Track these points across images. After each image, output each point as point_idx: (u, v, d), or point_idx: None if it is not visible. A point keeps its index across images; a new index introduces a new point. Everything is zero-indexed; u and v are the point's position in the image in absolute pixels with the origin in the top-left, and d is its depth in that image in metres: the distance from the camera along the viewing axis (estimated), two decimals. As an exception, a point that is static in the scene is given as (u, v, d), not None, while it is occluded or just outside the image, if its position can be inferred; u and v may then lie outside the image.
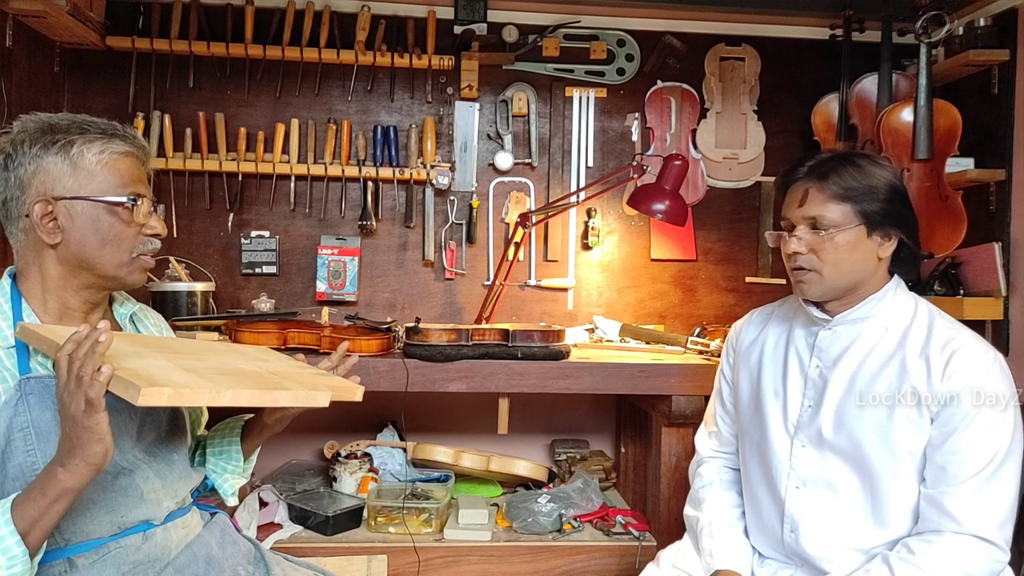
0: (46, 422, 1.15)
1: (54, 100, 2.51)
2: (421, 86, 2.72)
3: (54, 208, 1.18)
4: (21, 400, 1.14)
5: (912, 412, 1.30)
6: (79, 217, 1.19)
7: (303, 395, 1.16)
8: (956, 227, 2.37)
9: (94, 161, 1.20)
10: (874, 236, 1.34)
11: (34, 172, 1.18)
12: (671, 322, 2.82)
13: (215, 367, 1.17)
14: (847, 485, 1.36)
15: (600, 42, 2.77)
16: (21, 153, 1.18)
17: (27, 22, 2.25)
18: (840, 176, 1.34)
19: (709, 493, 1.57)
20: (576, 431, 2.82)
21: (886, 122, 2.44)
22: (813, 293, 1.39)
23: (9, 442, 1.13)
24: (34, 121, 1.21)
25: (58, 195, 1.18)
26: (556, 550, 2.15)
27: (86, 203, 1.19)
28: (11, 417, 1.13)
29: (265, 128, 2.63)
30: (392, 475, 2.47)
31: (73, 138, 1.19)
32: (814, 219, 1.35)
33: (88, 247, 1.21)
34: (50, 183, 1.18)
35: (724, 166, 2.82)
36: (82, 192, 1.19)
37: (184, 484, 1.36)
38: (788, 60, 2.83)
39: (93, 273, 1.23)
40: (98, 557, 1.19)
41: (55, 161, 1.18)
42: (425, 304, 2.76)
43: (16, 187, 1.18)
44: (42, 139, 1.18)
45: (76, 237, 1.20)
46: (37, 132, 1.19)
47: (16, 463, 1.13)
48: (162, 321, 1.50)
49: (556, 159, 2.79)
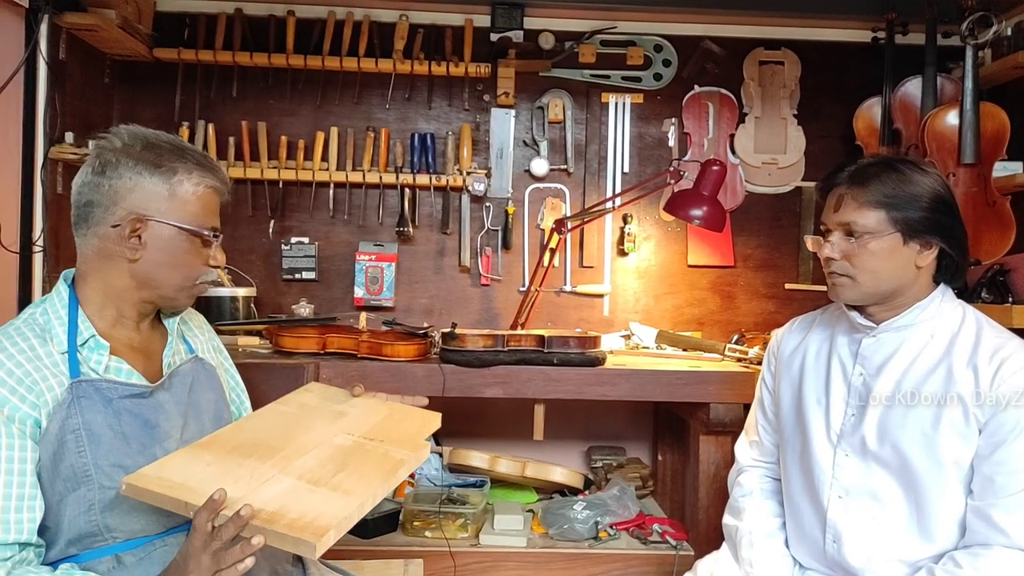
0: (97, 424, 1.18)
1: (104, 111, 2.59)
2: (458, 94, 2.74)
3: (143, 226, 1.22)
4: (73, 403, 1.17)
5: (959, 422, 1.27)
6: (161, 239, 1.23)
7: (413, 457, 1.23)
8: (1004, 233, 2.31)
9: (190, 191, 1.24)
10: (911, 244, 1.31)
11: (132, 188, 1.21)
12: (709, 329, 2.80)
13: (324, 460, 1.20)
14: (891, 495, 1.33)
15: (637, 48, 2.77)
16: (123, 166, 1.21)
17: (80, 35, 2.33)
18: (878, 182, 1.31)
19: (749, 502, 1.55)
20: (612, 438, 2.81)
21: (931, 126, 2.39)
22: (846, 296, 1.37)
23: (62, 443, 1.16)
24: (139, 137, 1.24)
25: (150, 215, 1.22)
26: (592, 558, 2.14)
27: (172, 228, 1.24)
28: (64, 420, 1.16)
29: (306, 136, 2.68)
30: (428, 480, 2.48)
31: (175, 165, 1.23)
32: (848, 225, 1.33)
33: (160, 268, 1.25)
34: (145, 202, 1.21)
35: (763, 171, 2.79)
36: (172, 218, 1.23)
37: None
38: (829, 64, 2.79)
39: (155, 291, 1.27)
40: (144, 554, 1.22)
41: (155, 183, 1.22)
42: (461, 310, 2.78)
43: (109, 196, 1.21)
44: (146, 158, 1.21)
45: (153, 257, 1.24)
46: (142, 150, 1.22)
47: (68, 464, 1.16)
48: (204, 322, 1.53)
49: (592, 165, 2.79)
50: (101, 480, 1.18)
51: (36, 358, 1.17)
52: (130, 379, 1.24)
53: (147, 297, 1.28)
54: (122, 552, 1.21)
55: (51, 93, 2.20)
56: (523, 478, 2.44)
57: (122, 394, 1.22)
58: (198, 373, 1.37)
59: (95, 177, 1.22)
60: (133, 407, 1.22)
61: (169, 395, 1.29)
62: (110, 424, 1.19)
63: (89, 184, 1.22)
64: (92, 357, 1.21)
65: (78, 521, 1.18)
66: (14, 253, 2.09)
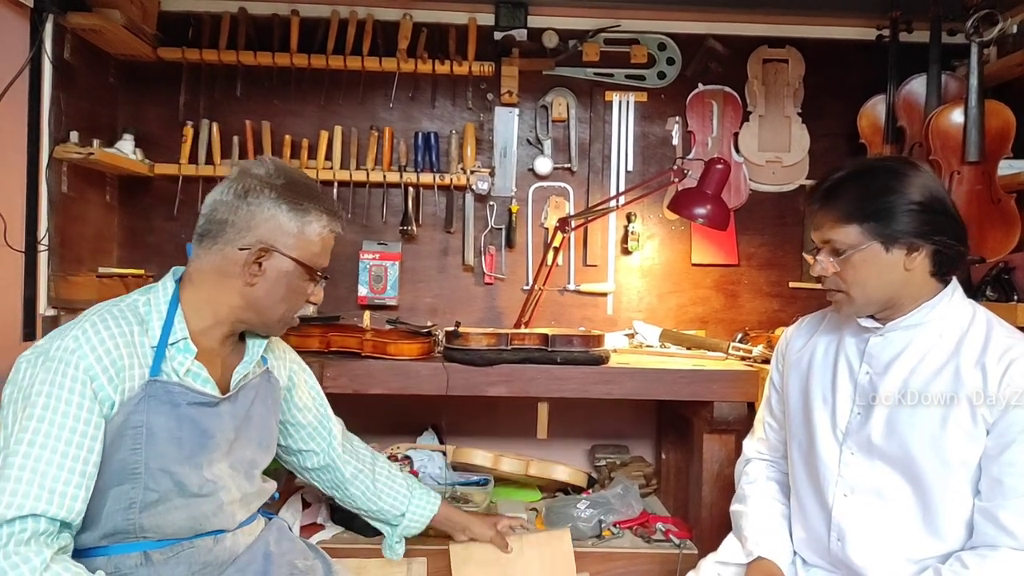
0: (159, 426, 1.22)
1: (109, 111, 2.60)
2: (462, 92, 2.74)
3: (267, 255, 1.28)
4: (144, 400, 1.21)
5: (966, 421, 1.27)
6: (279, 271, 1.30)
7: None
8: (1009, 231, 2.30)
9: (316, 232, 1.31)
10: (894, 251, 1.29)
11: (267, 218, 1.27)
12: (713, 327, 2.79)
13: None
14: (897, 494, 1.33)
15: (641, 46, 2.77)
16: (265, 196, 1.27)
17: (85, 36, 2.33)
18: (848, 196, 1.31)
19: (753, 489, 1.57)
20: (616, 436, 2.81)
21: (935, 124, 2.38)
22: (846, 312, 1.38)
23: (120, 437, 1.20)
24: (283, 172, 1.31)
25: (277, 247, 1.28)
26: (595, 556, 2.14)
27: (292, 263, 1.30)
28: (129, 414, 1.20)
29: (310, 135, 2.68)
30: (432, 478, 2.48)
31: (310, 206, 1.30)
32: (830, 243, 1.33)
33: (270, 298, 1.31)
34: (276, 234, 1.28)
35: (767, 169, 2.78)
36: (295, 254, 1.30)
37: (258, 500, 1.45)
38: (833, 62, 2.78)
39: (257, 317, 1.33)
40: (172, 554, 1.27)
41: (289, 219, 1.28)
42: (465, 308, 2.78)
43: (245, 220, 1.27)
44: (286, 195, 1.28)
45: (267, 286, 1.30)
46: (284, 186, 1.29)
47: (120, 458, 1.20)
48: (289, 350, 1.60)
49: (596, 164, 2.79)
50: (147, 481, 1.21)
51: (131, 344, 1.22)
52: (204, 387, 1.28)
53: (247, 319, 1.33)
54: (151, 550, 1.25)
55: (56, 93, 2.21)
56: (527, 476, 2.44)
57: (190, 400, 1.26)
58: (261, 387, 1.42)
59: (235, 199, 1.27)
60: (196, 414, 1.26)
61: (231, 407, 1.33)
62: (169, 428, 1.23)
63: (227, 204, 1.27)
64: (177, 357, 1.26)
65: (115, 517, 1.21)
66: (19, 252, 2.10)
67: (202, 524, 1.29)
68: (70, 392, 1.14)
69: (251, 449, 1.39)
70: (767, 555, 1.45)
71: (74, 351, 1.16)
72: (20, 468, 1.09)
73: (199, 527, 1.29)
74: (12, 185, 2.11)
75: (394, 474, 1.78)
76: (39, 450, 1.10)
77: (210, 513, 1.29)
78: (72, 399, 1.14)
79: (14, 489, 1.08)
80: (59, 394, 1.14)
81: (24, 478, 1.09)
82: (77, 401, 1.14)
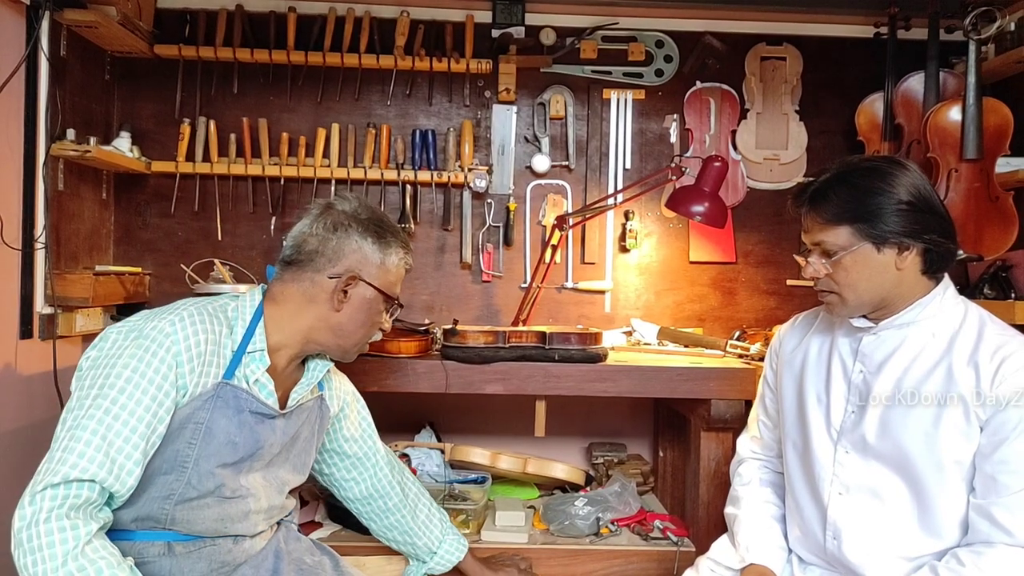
0: (219, 428, 1.27)
1: (105, 108, 2.59)
2: (459, 90, 2.74)
3: (354, 284, 1.37)
4: (212, 399, 1.26)
5: (960, 420, 1.27)
6: (362, 299, 1.39)
7: None
8: (1007, 229, 2.31)
9: (395, 263, 1.42)
10: (885, 251, 1.29)
11: (355, 250, 1.37)
12: (710, 325, 2.79)
13: None
14: (892, 492, 1.33)
15: (638, 43, 2.76)
16: (353, 230, 1.37)
17: (80, 32, 2.32)
18: (836, 199, 1.30)
19: (747, 491, 1.57)
20: (613, 434, 2.81)
21: (933, 121, 2.38)
22: (838, 313, 1.37)
23: (181, 429, 1.24)
24: (366, 208, 1.42)
25: (363, 276, 1.37)
26: (593, 554, 2.14)
27: (374, 291, 1.39)
28: (196, 409, 1.24)
29: (307, 133, 2.68)
30: (430, 476, 2.48)
31: (391, 240, 1.41)
32: (820, 245, 1.33)
33: (352, 323, 1.39)
34: (362, 264, 1.37)
35: (765, 167, 2.78)
36: (377, 283, 1.39)
37: (280, 514, 1.51)
38: (831, 59, 2.78)
39: (335, 340, 1.40)
40: (194, 549, 1.31)
41: (374, 251, 1.38)
42: (463, 306, 2.78)
43: (334, 251, 1.36)
44: (371, 229, 1.38)
45: (351, 312, 1.38)
46: (368, 221, 1.39)
47: (175, 448, 1.24)
48: (345, 380, 1.65)
49: (593, 161, 2.78)
50: (191, 477, 1.26)
51: (216, 343, 1.27)
52: (268, 399, 1.33)
53: (324, 342, 1.40)
54: (175, 541, 1.29)
55: (52, 90, 2.20)
56: (524, 474, 2.44)
57: (253, 408, 1.31)
58: (313, 412, 1.48)
59: (325, 232, 1.37)
60: (255, 423, 1.32)
61: (285, 423, 1.38)
62: (228, 431, 1.28)
63: (318, 236, 1.37)
64: (251, 366, 1.31)
65: (152, 503, 1.24)
66: (16, 250, 2.10)
67: (227, 527, 1.33)
68: (155, 372, 1.18)
69: (286, 469, 1.44)
70: (760, 561, 1.46)
71: (169, 335, 1.21)
72: (92, 432, 1.13)
73: (224, 529, 1.33)
74: (9, 183, 2.10)
75: (432, 512, 1.81)
76: (112, 420, 1.14)
77: (237, 518, 1.34)
78: (155, 379, 1.18)
79: (82, 452, 1.11)
80: (144, 371, 1.18)
81: (94, 443, 1.12)
82: (159, 382, 1.19)
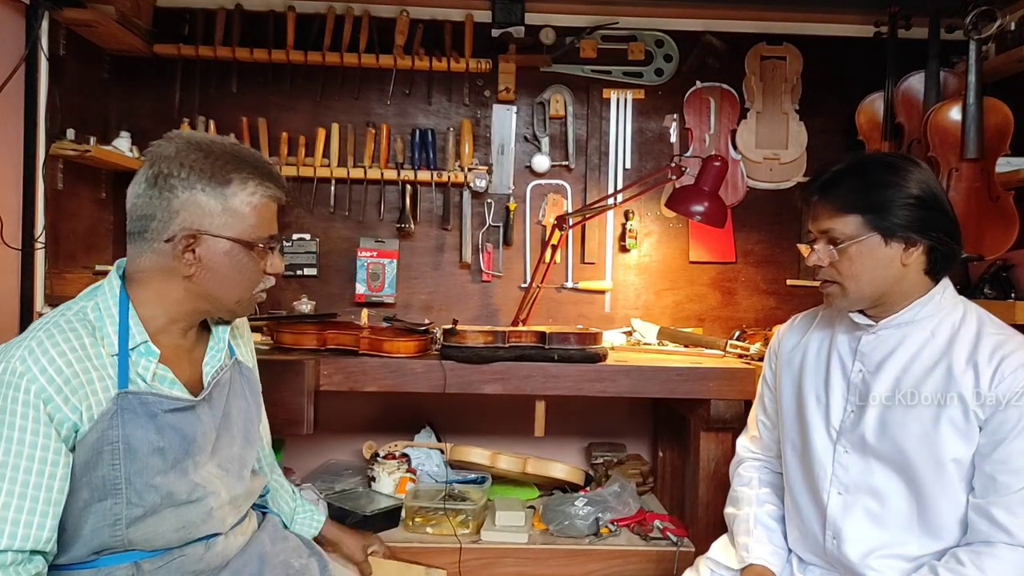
0: (136, 439, 1.15)
1: (103, 106, 2.59)
2: (459, 89, 2.73)
3: (196, 242, 1.17)
4: (116, 414, 1.14)
5: (959, 419, 1.26)
6: (217, 254, 1.19)
7: None
8: (1008, 228, 2.30)
9: (245, 203, 1.19)
10: (893, 244, 1.29)
11: (185, 202, 1.16)
12: (710, 325, 2.79)
13: None
14: (892, 492, 1.33)
15: (638, 43, 2.76)
16: (176, 178, 1.15)
17: (78, 31, 2.32)
18: (849, 188, 1.30)
19: (747, 491, 1.56)
20: (613, 434, 2.81)
21: (933, 121, 2.38)
22: (838, 305, 1.37)
23: (98, 454, 1.13)
24: (193, 145, 1.18)
25: (204, 230, 1.17)
26: (592, 554, 2.14)
27: (227, 242, 1.19)
28: (104, 431, 1.13)
29: (306, 132, 2.67)
30: (429, 476, 2.48)
31: (230, 176, 1.17)
32: (828, 232, 1.33)
33: (217, 283, 1.21)
34: (199, 217, 1.17)
35: (764, 167, 2.78)
36: (226, 232, 1.18)
37: (248, 501, 1.39)
38: (831, 58, 2.77)
39: (213, 305, 1.24)
40: (163, 563, 1.22)
41: (209, 196, 1.16)
42: (462, 306, 2.77)
43: (164, 210, 1.16)
44: (201, 170, 1.16)
45: (209, 272, 1.20)
46: (195, 160, 1.16)
47: (100, 474, 1.14)
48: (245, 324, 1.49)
49: (593, 161, 2.78)
50: (130, 496, 1.16)
51: (86, 358, 1.13)
52: (172, 390, 1.22)
53: (202, 309, 1.25)
54: (141, 560, 1.20)
55: (51, 89, 2.20)
56: (524, 474, 2.44)
57: (166, 408, 1.19)
58: (235, 379, 1.35)
59: (148, 189, 1.16)
60: (176, 421, 1.20)
61: (208, 407, 1.27)
62: (150, 440, 1.17)
63: (143, 196, 1.17)
64: (140, 363, 1.18)
65: (101, 533, 1.16)
66: (16, 249, 2.09)
67: (191, 532, 1.24)
68: (23, 419, 1.07)
69: (236, 445, 1.33)
70: (759, 561, 1.45)
71: (23, 374, 1.07)
72: None
73: (188, 535, 1.24)
74: (8, 182, 2.10)
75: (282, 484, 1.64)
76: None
77: (199, 520, 1.24)
78: (27, 426, 1.07)
79: None
80: (12, 421, 1.06)
81: None
82: (32, 428, 1.07)
